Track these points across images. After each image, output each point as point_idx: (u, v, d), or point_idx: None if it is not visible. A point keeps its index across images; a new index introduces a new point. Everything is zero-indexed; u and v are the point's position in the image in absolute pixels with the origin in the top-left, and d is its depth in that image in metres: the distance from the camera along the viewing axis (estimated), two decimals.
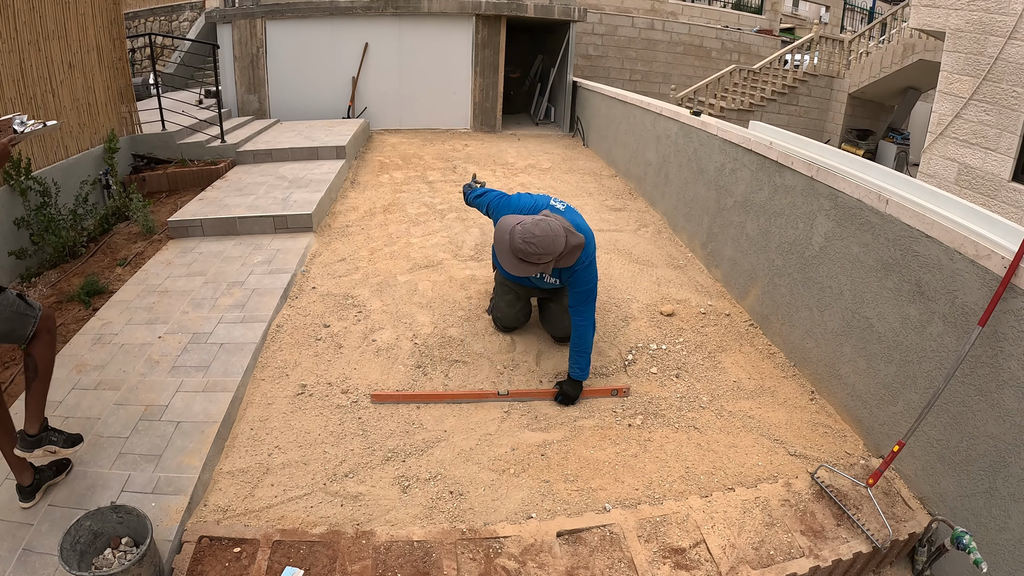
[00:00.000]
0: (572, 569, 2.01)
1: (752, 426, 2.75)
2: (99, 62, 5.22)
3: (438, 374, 3.04)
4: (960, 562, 2.08)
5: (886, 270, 2.52)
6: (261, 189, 5.30)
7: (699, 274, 4.28)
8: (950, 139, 6.67)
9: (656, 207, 5.61)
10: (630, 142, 6.55)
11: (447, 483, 2.38)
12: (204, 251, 4.32)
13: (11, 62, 4.05)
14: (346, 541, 2.08)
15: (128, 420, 2.57)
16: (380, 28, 8.56)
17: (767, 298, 3.50)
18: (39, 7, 4.36)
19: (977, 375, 2.07)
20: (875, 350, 2.58)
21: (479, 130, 9.18)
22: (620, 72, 12.05)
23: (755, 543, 2.11)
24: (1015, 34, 5.87)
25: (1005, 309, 1.97)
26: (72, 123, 4.78)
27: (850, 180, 2.78)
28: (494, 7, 8.53)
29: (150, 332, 3.25)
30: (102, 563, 1.91)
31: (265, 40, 8.49)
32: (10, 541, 2.00)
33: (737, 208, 3.90)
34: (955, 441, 2.15)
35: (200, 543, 2.07)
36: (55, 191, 4.27)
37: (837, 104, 11.44)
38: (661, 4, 13.18)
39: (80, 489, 2.22)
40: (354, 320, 3.51)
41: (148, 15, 12.95)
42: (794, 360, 3.22)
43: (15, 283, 3.96)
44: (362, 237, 4.71)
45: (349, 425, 2.68)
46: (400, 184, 6.18)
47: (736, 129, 4.06)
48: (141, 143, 5.86)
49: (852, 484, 2.33)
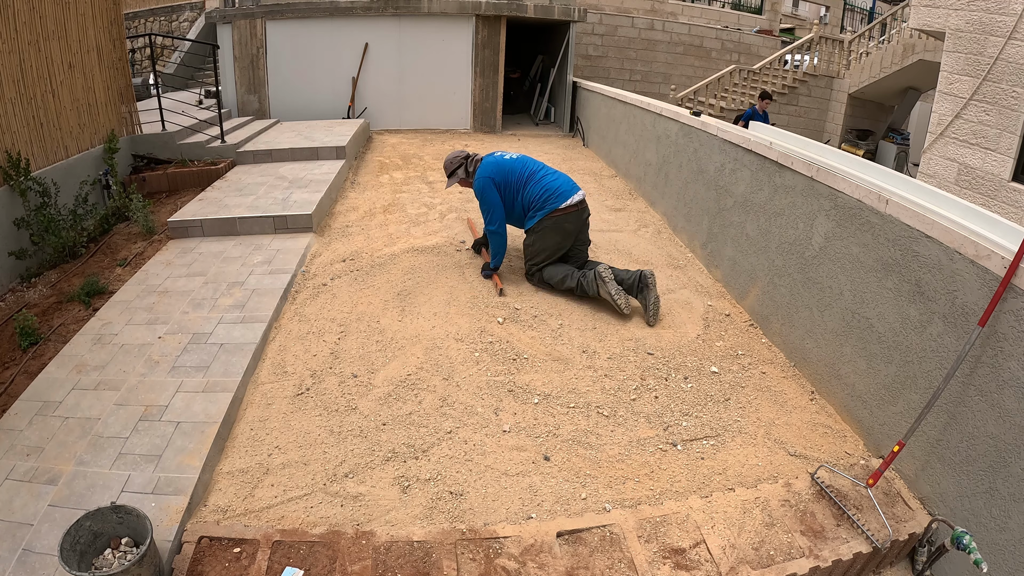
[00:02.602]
0: (572, 569, 2.01)
1: (752, 426, 2.75)
2: (99, 62, 5.23)
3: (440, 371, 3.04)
4: (960, 562, 2.08)
5: (886, 270, 2.52)
6: (261, 189, 5.30)
7: (699, 274, 4.28)
8: (950, 139, 6.66)
9: (656, 207, 5.61)
10: (630, 142, 6.55)
11: (447, 483, 2.38)
12: (204, 251, 4.32)
13: (11, 62, 4.05)
14: (346, 541, 2.08)
15: (128, 420, 2.57)
16: (380, 28, 8.56)
17: (767, 298, 3.50)
18: (39, 7, 4.36)
19: (977, 375, 2.07)
20: (875, 350, 2.58)
21: (479, 130, 9.18)
22: (620, 72, 12.04)
23: (755, 543, 2.11)
24: (1015, 34, 5.86)
25: (1005, 309, 1.97)
26: (72, 123, 4.78)
27: (850, 180, 2.78)
28: (494, 7, 8.53)
29: (150, 332, 3.25)
30: (102, 563, 1.91)
31: (265, 40, 8.49)
32: (10, 541, 2.00)
33: (737, 208, 3.90)
34: (955, 441, 2.15)
35: (200, 543, 2.07)
36: (55, 191, 4.27)
37: (837, 104, 11.43)
38: (661, 4, 13.18)
39: (80, 489, 2.22)
40: (355, 320, 3.51)
41: (148, 15, 12.96)
42: (794, 360, 3.22)
43: (14, 284, 3.96)
44: (362, 237, 4.71)
45: (349, 425, 2.68)
46: (400, 184, 6.18)
47: (736, 129, 4.07)
48: (141, 143, 5.86)
49: (852, 484, 2.33)
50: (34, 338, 3.23)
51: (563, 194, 3.73)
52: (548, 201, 3.73)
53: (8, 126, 4.00)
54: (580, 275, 3.67)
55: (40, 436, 2.48)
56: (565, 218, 3.74)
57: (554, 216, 3.72)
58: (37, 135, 4.32)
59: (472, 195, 5.89)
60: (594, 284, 3.57)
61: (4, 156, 3.91)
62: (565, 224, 3.75)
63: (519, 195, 3.83)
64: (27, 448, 2.41)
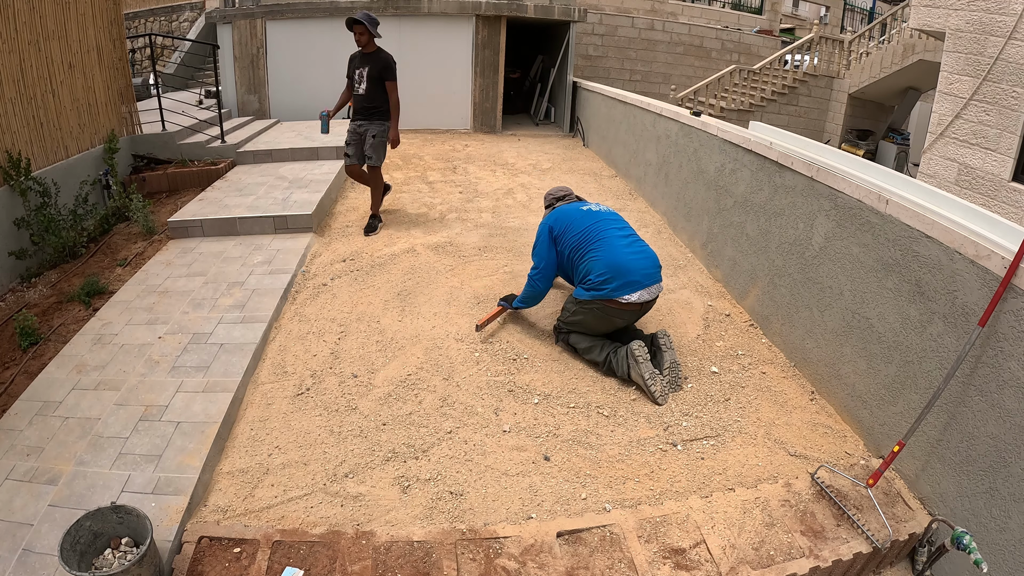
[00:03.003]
0: (572, 569, 2.01)
1: (752, 426, 2.75)
2: (99, 62, 5.23)
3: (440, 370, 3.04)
4: (960, 562, 2.08)
5: (886, 270, 2.52)
6: (261, 189, 5.30)
7: (699, 274, 4.28)
8: (950, 139, 6.66)
9: (656, 207, 5.61)
10: (630, 142, 6.55)
11: (447, 483, 2.38)
12: (204, 251, 4.32)
13: (11, 62, 4.05)
14: (346, 541, 2.08)
15: (128, 420, 2.57)
16: (380, 28, 8.54)
17: (767, 298, 3.50)
18: (39, 7, 4.36)
19: (977, 375, 2.07)
20: (875, 350, 2.58)
21: (479, 130, 9.18)
22: (620, 72, 12.04)
23: (755, 543, 2.11)
24: (1015, 34, 5.86)
25: (1005, 309, 1.97)
26: (72, 123, 4.78)
27: (850, 180, 2.78)
28: (494, 7, 8.53)
29: (150, 332, 3.25)
30: (102, 563, 1.91)
31: (265, 40, 8.49)
32: (10, 541, 2.00)
33: (737, 208, 3.90)
34: (955, 441, 2.15)
35: (200, 543, 2.07)
36: (55, 191, 4.27)
37: (837, 104, 11.44)
38: (661, 4, 13.18)
39: (80, 489, 2.22)
40: (355, 320, 3.51)
41: (148, 15, 12.96)
42: (794, 360, 3.21)
43: (14, 284, 3.96)
44: (362, 237, 4.71)
45: (349, 425, 2.68)
46: (400, 184, 6.19)
47: (736, 129, 4.07)
48: (141, 143, 5.87)
49: (852, 484, 2.33)
50: (34, 338, 3.23)
51: (628, 285, 2.94)
52: (606, 285, 2.96)
53: (8, 126, 4.00)
54: (611, 350, 3.03)
55: (40, 436, 2.48)
56: (619, 313, 3.03)
57: (607, 306, 3.00)
58: (37, 135, 4.32)
59: (471, 196, 5.91)
60: (625, 363, 2.95)
61: (4, 156, 3.92)
62: (616, 319, 3.06)
63: (577, 257, 3.14)
64: (27, 448, 2.41)
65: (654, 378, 2.87)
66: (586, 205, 3.37)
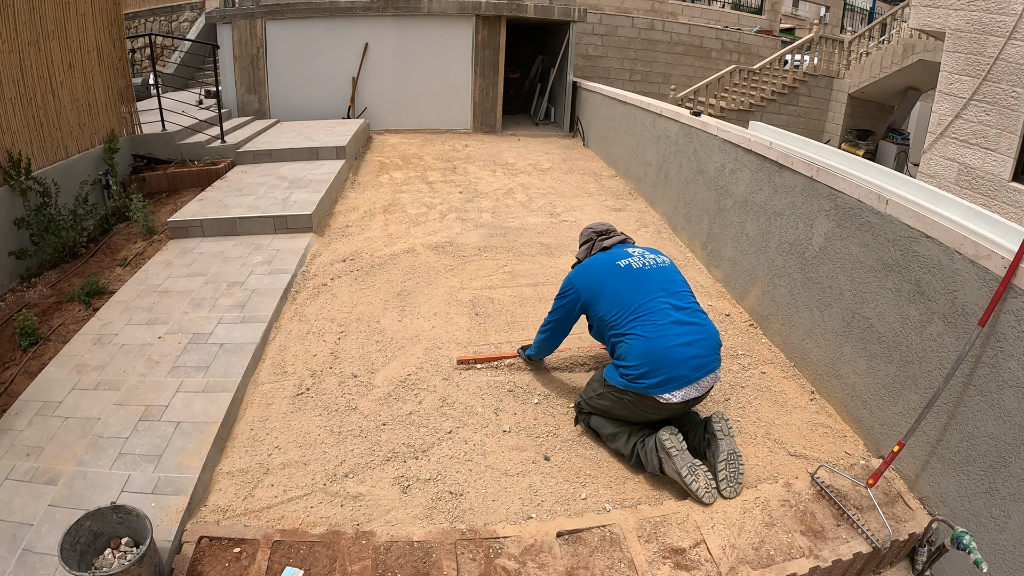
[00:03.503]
0: (572, 569, 2.01)
1: (752, 426, 2.75)
2: (99, 62, 5.23)
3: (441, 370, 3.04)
4: (960, 562, 2.08)
5: (886, 270, 2.52)
6: (261, 189, 5.30)
7: (699, 274, 4.28)
8: (950, 139, 6.66)
9: (656, 207, 5.61)
10: (630, 142, 6.55)
11: (447, 483, 2.38)
12: (204, 251, 4.32)
13: (11, 62, 4.05)
14: (346, 541, 2.08)
15: (128, 420, 2.57)
16: (380, 28, 8.56)
17: (767, 298, 3.50)
18: (39, 7, 4.36)
19: (977, 375, 2.07)
20: (875, 350, 2.58)
21: (479, 130, 9.18)
22: (620, 72, 12.04)
23: (755, 543, 2.11)
24: (1015, 34, 5.86)
25: (1005, 309, 1.97)
26: (72, 123, 4.78)
27: (850, 180, 2.78)
28: (494, 7, 8.53)
29: (150, 332, 3.25)
30: (102, 563, 1.91)
31: (265, 40, 8.49)
32: (10, 541, 2.00)
33: (737, 208, 3.90)
34: (955, 441, 2.15)
35: (200, 543, 2.07)
36: (55, 191, 4.27)
37: (837, 104, 11.43)
38: (661, 4, 13.17)
39: (80, 489, 2.22)
40: (355, 320, 3.51)
41: (148, 15, 12.96)
42: (794, 360, 3.21)
43: (14, 283, 3.96)
44: (362, 237, 4.71)
45: (349, 425, 2.68)
46: (400, 184, 6.19)
47: (736, 129, 4.07)
48: (141, 143, 5.87)
49: (852, 484, 2.33)
50: (34, 338, 3.23)
51: (671, 381, 2.28)
52: (642, 380, 2.31)
53: (8, 126, 4.00)
54: (638, 440, 2.44)
55: (40, 436, 2.48)
56: (656, 410, 2.38)
57: (642, 401, 2.37)
58: (37, 135, 4.32)
59: (471, 196, 5.91)
60: (655, 457, 2.35)
61: (4, 156, 3.92)
62: (651, 415, 2.43)
63: (610, 335, 2.50)
64: (27, 448, 2.41)
65: (694, 472, 2.26)
66: (627, 257, 2.59)
